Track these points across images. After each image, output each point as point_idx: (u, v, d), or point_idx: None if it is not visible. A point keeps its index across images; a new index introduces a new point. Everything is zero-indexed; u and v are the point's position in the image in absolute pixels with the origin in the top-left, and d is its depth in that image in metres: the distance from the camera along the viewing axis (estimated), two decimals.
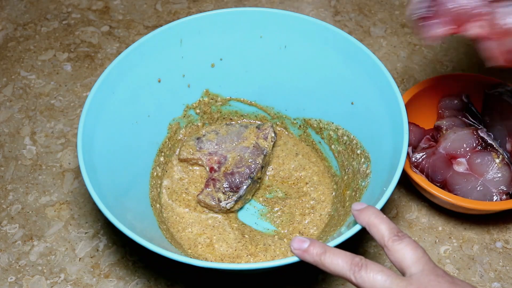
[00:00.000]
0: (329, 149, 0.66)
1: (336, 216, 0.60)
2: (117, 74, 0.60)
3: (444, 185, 0.62)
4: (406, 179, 0.63)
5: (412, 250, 0.43)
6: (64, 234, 0.64)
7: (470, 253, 0.62)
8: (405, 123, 0.55)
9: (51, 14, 0.88)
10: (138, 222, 0.55)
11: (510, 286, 0.60)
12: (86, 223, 0.65)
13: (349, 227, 0.49)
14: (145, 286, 0.60)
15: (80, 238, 0.64)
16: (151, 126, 0.65)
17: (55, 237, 0.64)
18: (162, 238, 0.57)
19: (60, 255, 0.63)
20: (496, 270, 0.61)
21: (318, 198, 0.64)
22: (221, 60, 0.66)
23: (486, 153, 0.61)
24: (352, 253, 0.44)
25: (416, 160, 0.62)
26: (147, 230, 0.55)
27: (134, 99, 0.62)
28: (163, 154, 0.66)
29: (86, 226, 0.65)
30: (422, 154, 0.63)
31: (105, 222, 0.65)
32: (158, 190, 0.65)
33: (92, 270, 0.62)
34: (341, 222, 0.57)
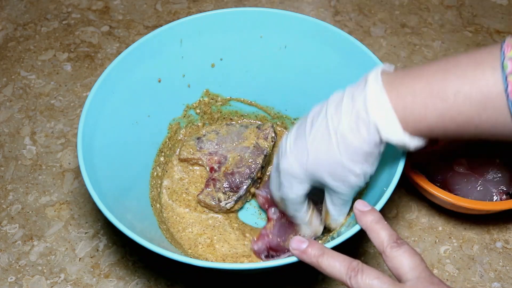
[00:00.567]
0: None
1: None
2: (117, 74, 0.60)
3: (444, 185, 0.62)
4: (406, 179, 0.63)
5: (409, 257, 0.43)
6: (64, 234, 0.64)
7: (470, 253, 0.62)
8: None
9: (51, 14, 0.88)
10: (138, 222, 0.55)
11: (510, 286, 0.60)
12: (86, 223, 0.65)
13: (349, 227, 0.49)
14: (145, 286, 0.60)
15: (80, 238, 0.64)
16: (151, 126, 0.65)
17: (55, 237, 0.64)
18: (162, 238, 0.57)
19: (60, 255, 0.63)
20: (496, 270, 0.61)
21: None
22: (221, 60, 0.66)
23: (486, 153, 0.61)
24: (350, 257, 0.44)
25: (416, 160, 0.62)
26: (147, 230, 0.55)
27: (134, 99, 0.62)
28: (163, 154, 0.66)
29: (86, 226, 0.65)
30: (422, 154, 0.63)
31: (105, 222, 0.65)
32: (158, 190, 0.65)
33: (92, 270, 0.62)
34: None
